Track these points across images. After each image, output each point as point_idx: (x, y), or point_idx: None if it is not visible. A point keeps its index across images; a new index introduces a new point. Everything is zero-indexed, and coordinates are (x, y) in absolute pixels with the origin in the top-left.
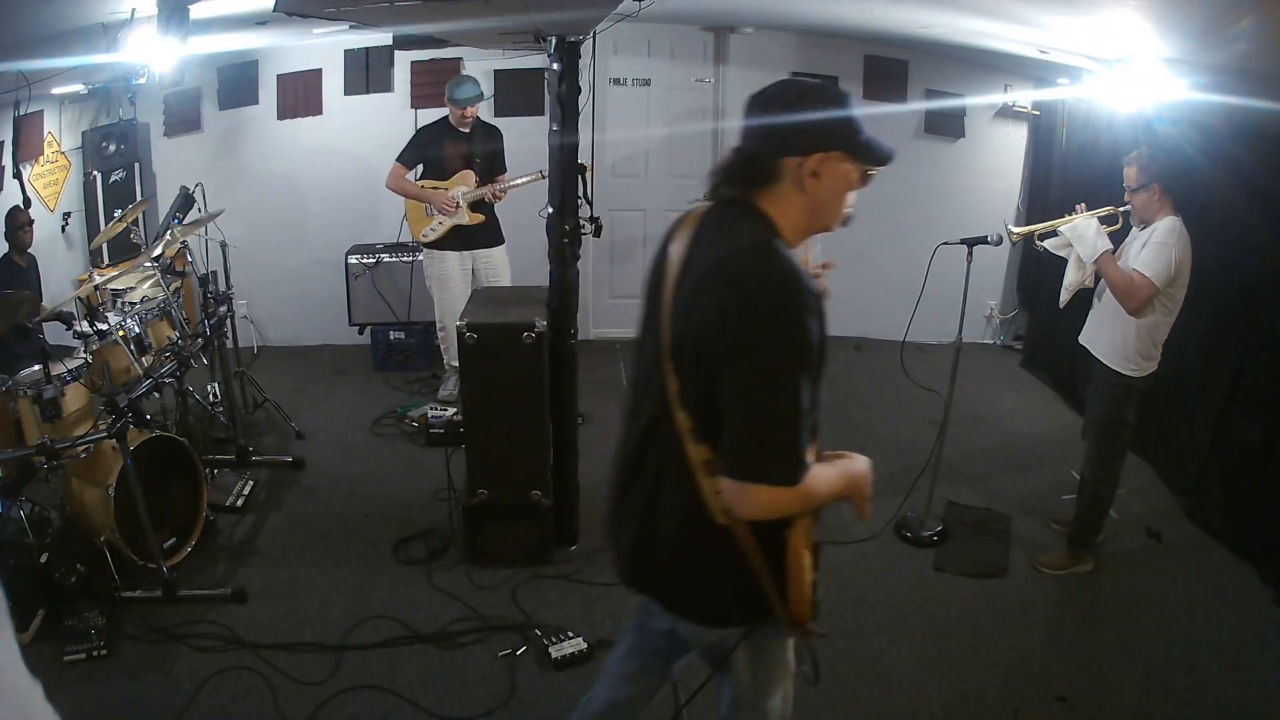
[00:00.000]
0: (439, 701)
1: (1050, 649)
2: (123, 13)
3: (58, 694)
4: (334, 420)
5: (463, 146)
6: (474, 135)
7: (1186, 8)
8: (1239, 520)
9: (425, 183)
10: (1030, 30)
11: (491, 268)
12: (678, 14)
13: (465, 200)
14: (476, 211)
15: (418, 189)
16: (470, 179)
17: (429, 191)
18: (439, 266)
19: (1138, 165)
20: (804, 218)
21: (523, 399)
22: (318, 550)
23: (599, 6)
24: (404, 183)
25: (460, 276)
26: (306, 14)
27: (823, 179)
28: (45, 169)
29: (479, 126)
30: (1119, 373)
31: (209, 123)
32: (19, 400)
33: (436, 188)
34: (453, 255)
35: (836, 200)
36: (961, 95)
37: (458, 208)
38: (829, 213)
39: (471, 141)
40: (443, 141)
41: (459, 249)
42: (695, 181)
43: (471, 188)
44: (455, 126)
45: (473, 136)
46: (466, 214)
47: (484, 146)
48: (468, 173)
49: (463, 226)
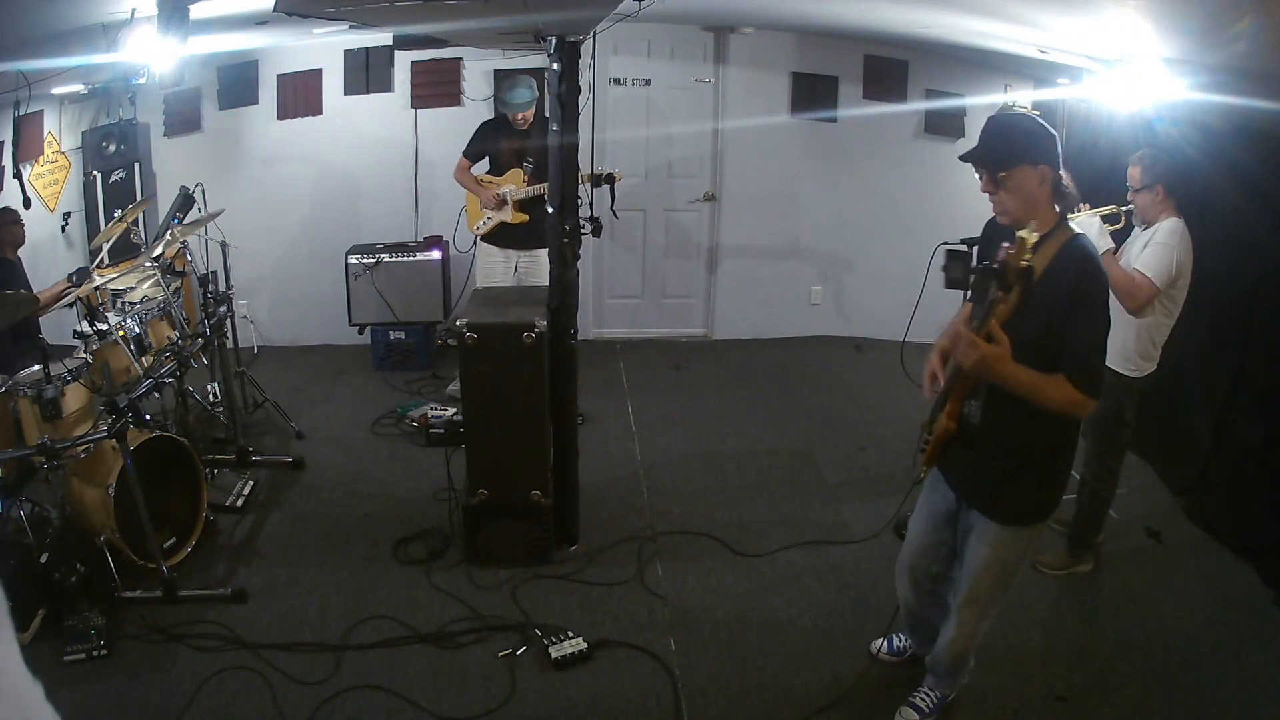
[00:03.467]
0: (439, 701)
1: (1050, 649)
2: (123, 13)
3: (58, 694)
4: (334, 420)
5: (516, 143)
6: (531, 133)
7: (1186, 8)
8: (1239, 520)
9: (484, 178)
10: (1030, 30)
11: (533, 269)
12: (678, 14)
13: (513, 198)
14: (522, 211)
15: (474, 182)
16: (518, 178)
17: (480, 186)
18: (484, 260)
19: (1142, 166)
20: None
21: (523, 399)
22: (318, 550)
23: (599, 6)
24: (465, 176)
25: (502, 274)
26: (306, 14)
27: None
28: (45, 169)
29: (540, 124)
30: (1118, 372)
31: (209, 123)
32: (19, 400)
33: (491, 183)
34: (498, 252)
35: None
36: (961, 95)
37: (503, 204)
38: None
39: (528, 138)
40: (499, 137)
41: (504, 246)
42: (695, 181)
43: (519, 186)
44: (512, 123)
45: (530, 134)
46: (510, 212)
47: (540, 145)
48: (516, 171)
49: (509, 225)
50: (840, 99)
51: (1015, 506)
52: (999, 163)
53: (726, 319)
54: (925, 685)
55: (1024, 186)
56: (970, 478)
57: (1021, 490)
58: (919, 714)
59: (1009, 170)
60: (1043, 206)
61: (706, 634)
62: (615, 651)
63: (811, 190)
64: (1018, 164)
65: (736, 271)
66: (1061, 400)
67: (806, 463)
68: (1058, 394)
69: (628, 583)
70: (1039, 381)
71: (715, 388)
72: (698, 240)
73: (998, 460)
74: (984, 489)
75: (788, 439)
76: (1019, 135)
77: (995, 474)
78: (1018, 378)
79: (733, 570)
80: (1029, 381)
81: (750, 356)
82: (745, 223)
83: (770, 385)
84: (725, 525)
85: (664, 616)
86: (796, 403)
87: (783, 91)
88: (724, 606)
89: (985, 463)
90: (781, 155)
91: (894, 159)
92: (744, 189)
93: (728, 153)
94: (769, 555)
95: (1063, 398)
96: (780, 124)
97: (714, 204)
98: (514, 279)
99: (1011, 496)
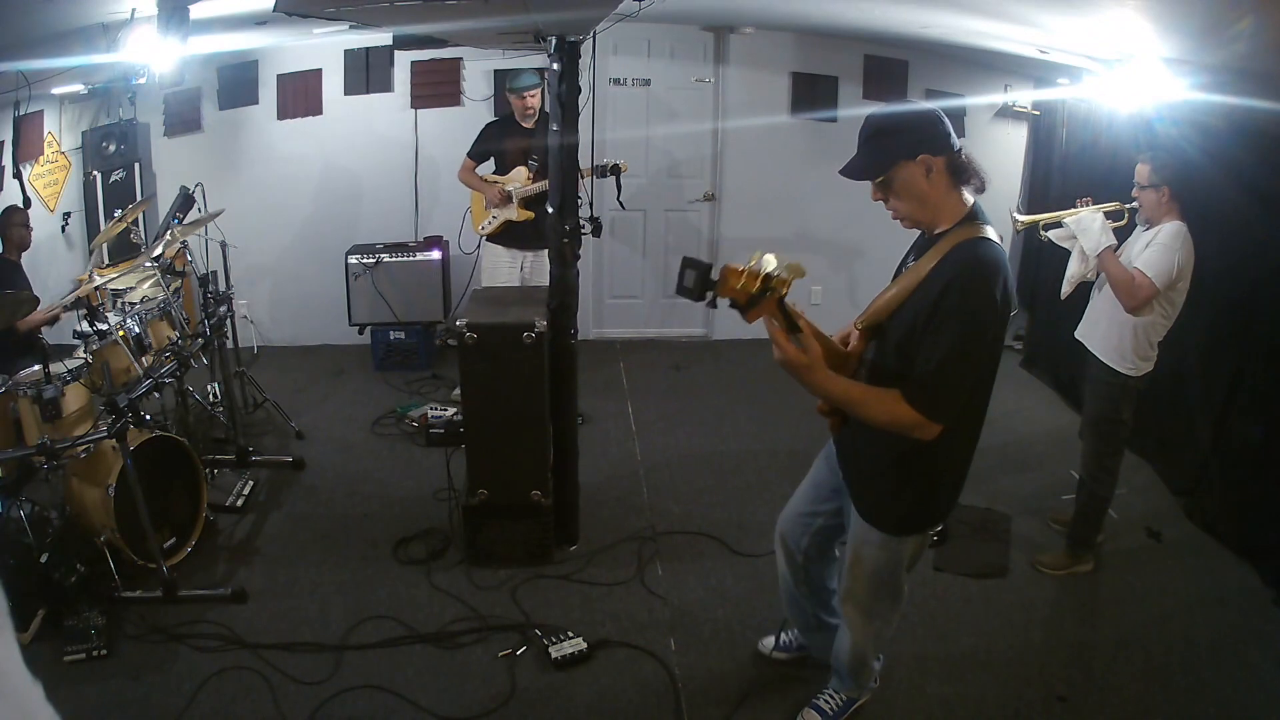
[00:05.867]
0: (439, 701)
1: (1050, 649)
2: (123, 13)
3: (58, 694)
4: (334, 420)
5: (521, 141)
6: (536, 131)
7: (1186, 8)
8: (1239, 520)
9: (490, 177)
10: (1030, 30)
11: (537, 269)
12: (678, 14)
13: (518, 194)
14: (528, 209)
15: (479, 181)
16: (523, 175)
17: (485, 184)
18: (490, 259)
19: (1152, 165)
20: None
21: (523, 399)
22: (318, 550)
23: (599, 6)
24: (470, 175)
25: (507, 273)
26: (306, 14)
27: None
28: (45, 169)
29: (544, 122)
30: (1116, 372)
31: (209, 123)
32: (19, 400)
33: (496, 182)
34: (504, 251)
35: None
36: (961, 95)
37: (507, 201)
38: None
39: (532, 136)
40: (504, 137)
41: (510, 246)
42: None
43: (524, 184)
44: (519, 121)
45: (534, 132)
46: (516, 210)
47: (545, 143)
48: (521, 169)
49: (513, 223)
50: (840, 99)
51: (876, 508)
52: (872, 168)
53: (727, 319)
54: (830, 686)
55: (910, 185)
56: (848, 463)
57: (880, 494)
58: (821, 715)
59: (886, 174)
60: (943, 199)
61: (706, 634)
62: (615, 651)
63: (811, 190)
64: (894, 164)
65: None
66: (889, 419)
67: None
68: (883, 412)
69: (628, 583)
70: (860, 396)
71: (715, 388)
72: (698, 240)
73: (866, 458)
74: (854, 480)
75: (788, 439)
76: (888, 132)
77: (862, 470)
78: (828, 389)
79: (733, 570)
80: (844, 395)
81: (750, 356)
82: (745, 223)
83: (770, 385)
84: (725, 525)
85: (664, 616)
86: (796, 403)
87: (783, 91)
88: (724, 606)
89: (855, 452)
90: (781, 155)
91: None
92: (744, 189)
93: (728, 153)
94: (769, 555)
95: (890, 416)
96: (780, 124)
97: (714, 204)
98: (519, 280)
99: (873, 497)
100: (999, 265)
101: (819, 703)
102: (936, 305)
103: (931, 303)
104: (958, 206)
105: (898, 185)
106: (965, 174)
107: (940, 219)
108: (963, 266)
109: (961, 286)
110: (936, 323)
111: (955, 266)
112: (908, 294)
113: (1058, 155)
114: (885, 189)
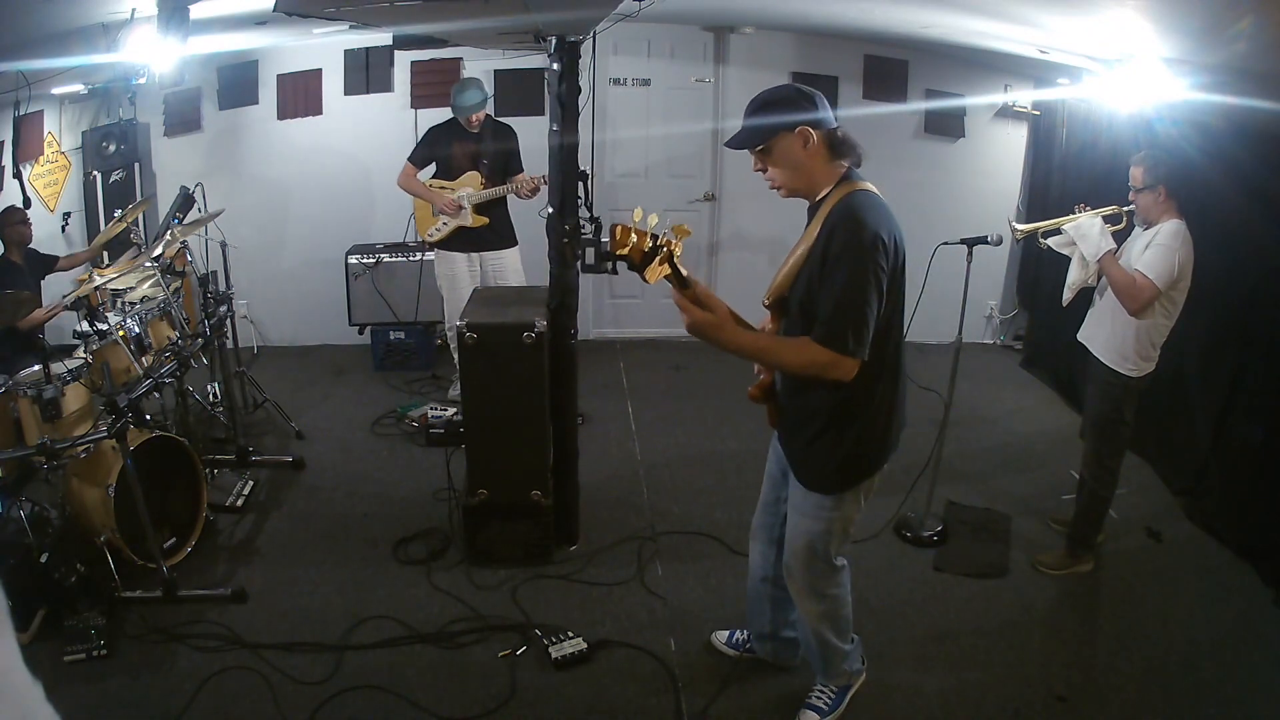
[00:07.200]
0: (439, 701)
1: (1050, 649)
2: (123, 13)
3: (58, 694)
4: (334, 420)
5: (470, 147)
6: (483, 135)
7: (1186, 8)
8: (1239, 520)
9: (434, 183)
10: (1030, 30)
11: (500, 270)
12: (678, 14)
13: (470, 202)
14: (481, 214)
15: (424, 189)
16: (475, 180)
17: (434, 192)
18: (448, 267)
19: (1145, 166)
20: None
21: (523, 399)
22: (318, 550)
23: (599, 6)
24: (413, 182)
25: (468, 278)
26: (306, 14)
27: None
28: (45, 169)
29: (489, 126)
30: (1117, 372)
31: (209, 123)
32: (19, 400)
33: (444, 188)
34: (461, 256)
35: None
36: (961, 95)
37: (460, 209)
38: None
39: (480, 141)
40: (451, 141)
41: (466, 250)
42: (695, 181)
43: (477, 189)
44: (464, 126)
45: (481, 136)
46: (470, 216)
47: (493, 146)
48: (473, 174)
49: (467, 228)
50: (840, 99)
51: (817, 472)
52: (754, 138)
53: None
54: (817, 684)
55: (788, 155)
56: (785, 439)
57: (817, 455)
58: (818, 713)
59: (766, 143)
60: (818, 168)
61: (706, 634)
62: (615, 651)
63: None
64: (774, 134)
65: (737, 271)
66: (802, 362)
67: None
68: (796, 355)
69: (628, 583)
70: (770, 346)
71: (715, 388)
72: (698, 240)
73: (798, 425)
74: (794, 452)
75: None
76: (770, 106)
77: (797, 438)
78: (740, 344)
79: (733, 570)
80: (755, 347)
81: None
82: (745, 223)
83: None
84: (725, 525)
85: (664, 616)
86: None
87: None
88: (724, 606)
89: (790, 425)
90: None
91: (894, 159)
92: (744, 189)
93: (727, 153)
94: None
95: (804, 358)
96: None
97: (714, 204)
98: (481, 282)
99: (813, 462)
100: (877, 207)
101: (812, 700)
102: (825, 254)
103: (820, 255)
104: (831, 173)
105: (776, 154)
106: (843, 148)
107: (817, 186)
108: (842, 213)
109: (844, 228)
110: (828, 269)
111: (835, 217)
112: (803, 261)
113: (1058, 155)
114: (765, 157)
